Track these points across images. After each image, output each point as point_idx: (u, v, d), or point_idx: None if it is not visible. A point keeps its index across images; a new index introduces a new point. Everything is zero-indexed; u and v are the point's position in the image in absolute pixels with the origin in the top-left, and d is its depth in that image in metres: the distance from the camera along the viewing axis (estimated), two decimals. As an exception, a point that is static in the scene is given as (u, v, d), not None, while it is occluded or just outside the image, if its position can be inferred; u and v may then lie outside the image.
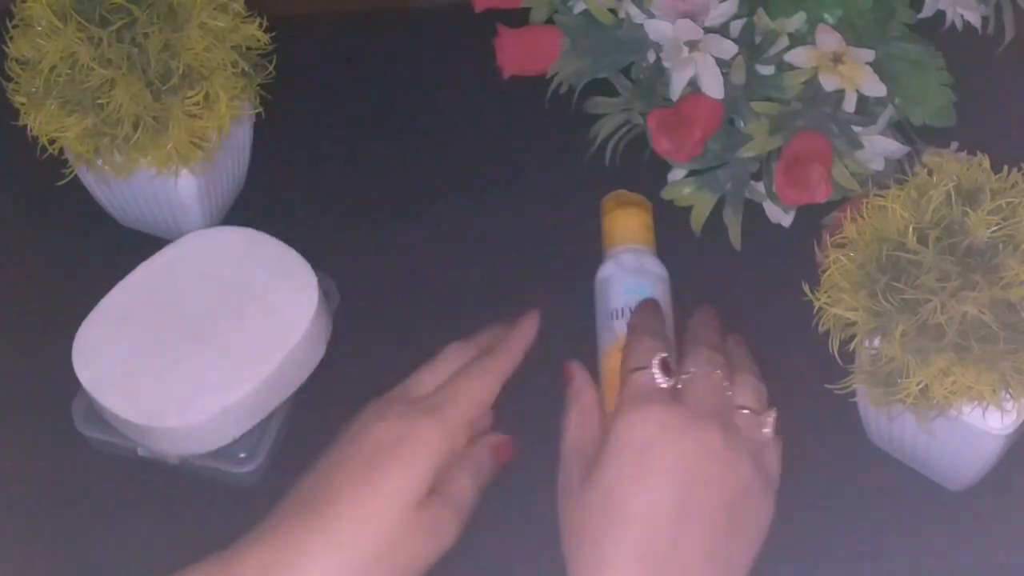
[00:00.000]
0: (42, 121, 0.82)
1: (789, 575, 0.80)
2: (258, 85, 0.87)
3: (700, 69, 0.89)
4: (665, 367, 0.74)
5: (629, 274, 0.83)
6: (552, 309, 0.84)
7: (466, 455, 0.75)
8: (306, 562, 0.68)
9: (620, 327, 0.80)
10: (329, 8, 1.07)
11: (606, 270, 0.85)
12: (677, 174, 0.92)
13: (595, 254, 0.94)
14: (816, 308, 0.74)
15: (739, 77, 0.89)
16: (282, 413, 0.84)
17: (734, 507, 0.70)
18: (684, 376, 0.74)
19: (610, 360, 0.79)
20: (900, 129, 0.91)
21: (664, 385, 0.73)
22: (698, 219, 0.91)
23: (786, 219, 0.91)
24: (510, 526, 0.80)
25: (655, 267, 0.84)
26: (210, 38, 0.82)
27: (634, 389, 0.73)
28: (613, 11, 0.93)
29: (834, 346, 0.73)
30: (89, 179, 0.89)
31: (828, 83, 0.88)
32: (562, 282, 0.89)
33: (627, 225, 0.86)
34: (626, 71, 0.94)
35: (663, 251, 0.86)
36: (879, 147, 0.88)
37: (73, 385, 0.81)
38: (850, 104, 0.88)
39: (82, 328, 0.82)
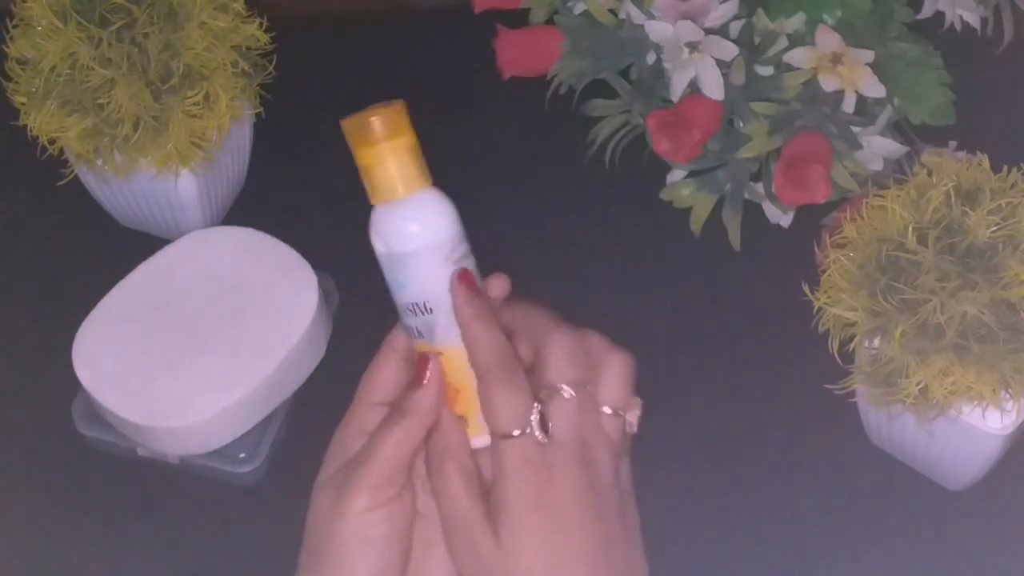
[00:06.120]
0: (42, 121, 0.82)
1: (789, 574, 0.80)
2: (258, 85, 0.87)
3: (700, 70, 0.89)
4: (542, 423, 0.62)
5: (400, 261, 0.67)
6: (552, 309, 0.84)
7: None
8: None
9: (419, 324, 0.66)
10: (329, 8, 1.07)
11: (381, 241, 0.67)
12: (676, 175, 0.92)
13: (594, 255, 0.94)
14: (816, 308, 0.74)
15: (739, 78, 0.89)
16: (282, 413, 0.84)
17: (610, 538, 0.63)
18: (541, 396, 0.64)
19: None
20: (899, 129, 0.91)
21: (544, 441, 0.62)
22: (698, 220, 0.91)
23: (785, 219, 0.91)
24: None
25: (435, 222, 0.67)
26: (210, 38, 0.82)
27: (517, 456, 0.62)
28: (613, 12, 0.93)
29: (834, 346, 0.73)
30: (89, 179, 0.89)
31: (827, 84, 0.88)
32: (562, 283, 0.89)
33: (394, 164, 0.67)
34: (624, 72, 0.94)
35: (663, 252, 0.85)
36: (878, 147, 0.88)
37: (73, 385, 0.81)
38: (849, 104, 0.88)
39: (82, 328, 0.82)
